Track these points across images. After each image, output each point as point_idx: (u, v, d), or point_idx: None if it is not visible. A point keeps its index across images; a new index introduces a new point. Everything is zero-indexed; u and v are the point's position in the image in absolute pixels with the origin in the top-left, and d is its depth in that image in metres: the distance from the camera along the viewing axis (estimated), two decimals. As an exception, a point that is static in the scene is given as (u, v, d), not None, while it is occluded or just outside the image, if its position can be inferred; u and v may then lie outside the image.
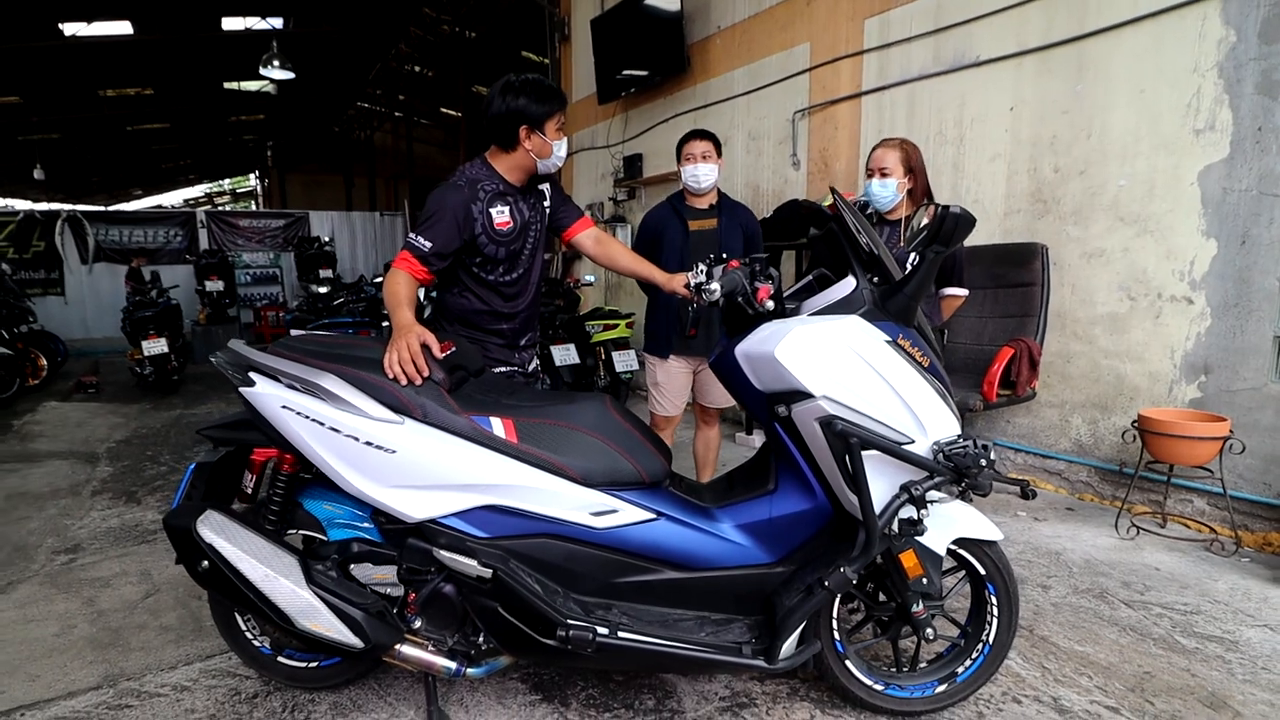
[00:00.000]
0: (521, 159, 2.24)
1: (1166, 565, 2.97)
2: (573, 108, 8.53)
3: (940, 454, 1.69)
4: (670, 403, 3.26)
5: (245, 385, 1.77)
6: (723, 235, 3.12)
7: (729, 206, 3.21)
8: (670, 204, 3.22)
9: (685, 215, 3.14)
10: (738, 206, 3.26)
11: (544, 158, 2.24)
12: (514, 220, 2.26)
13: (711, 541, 1.86)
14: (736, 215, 3.20)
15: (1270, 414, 3.09)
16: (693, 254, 3.02)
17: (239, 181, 28.24)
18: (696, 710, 2.03)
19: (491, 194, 2.23)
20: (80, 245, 11.62)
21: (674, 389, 3.25)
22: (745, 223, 3.21)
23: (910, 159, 2.80)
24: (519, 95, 2.16)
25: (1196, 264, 3.25)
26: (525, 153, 2.22)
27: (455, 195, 2.18)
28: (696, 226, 3.13)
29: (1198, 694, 2.10)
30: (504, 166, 2.27)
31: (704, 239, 3.09)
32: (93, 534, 3.46)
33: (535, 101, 2.16)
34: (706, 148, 3.05)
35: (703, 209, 3.16)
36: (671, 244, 3.11)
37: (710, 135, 3.09)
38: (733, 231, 3.15)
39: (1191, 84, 3.19)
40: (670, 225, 3.15)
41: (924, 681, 2.02)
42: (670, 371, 3.23)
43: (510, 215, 2.25)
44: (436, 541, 1.75)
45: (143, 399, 7.09)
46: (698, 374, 3.26)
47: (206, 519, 1.79)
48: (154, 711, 2.03)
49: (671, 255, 3.07)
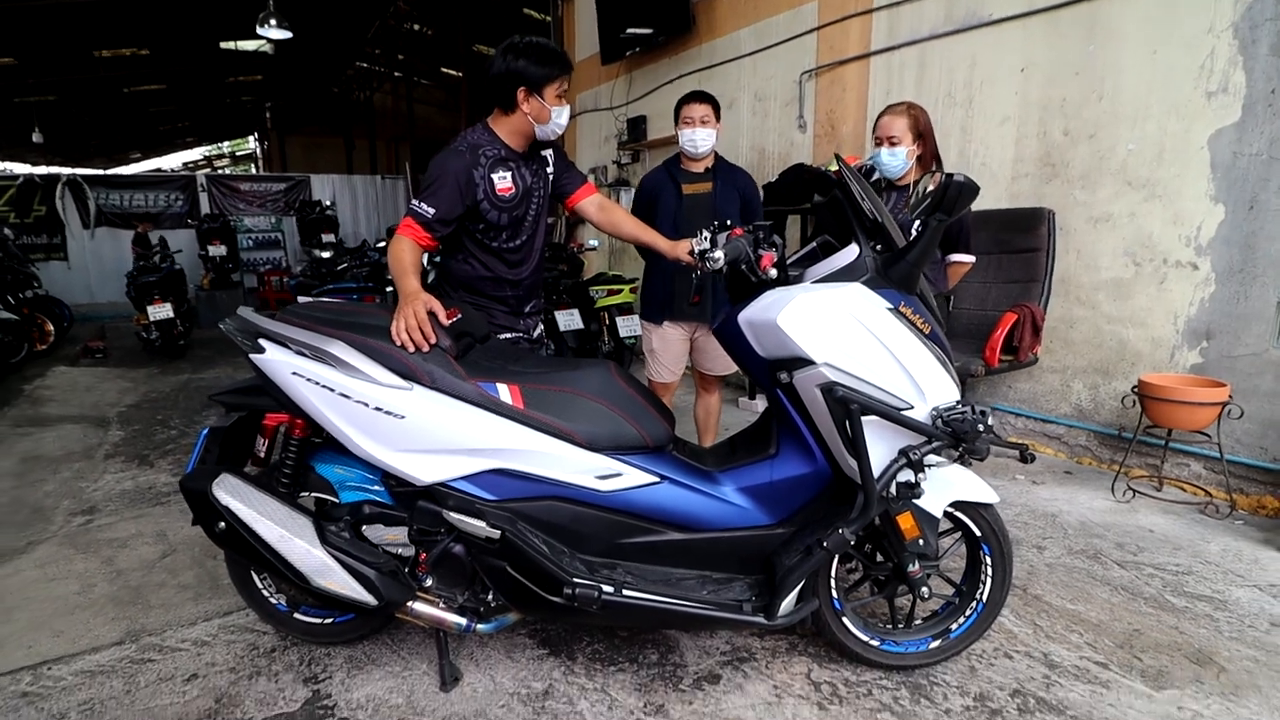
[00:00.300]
0: (520, 123, 2.23)
1: (1161, 527, 3.02)
2: (576, 68, 8.35)
3: (939, 419, 1.72)
4: (666, 369, 3.27)
5: (255, 352, 1.80)
6: (718, 200, 3.07)
7: (725, 170, 3.15)
8: (666, 168, 3.18)
9: (680, 179, 3.10)
10: (734, 170, 3.21)
11: (542, 123, 2.21)
12: (516, 186, 2.26)
13: (714, 504, 1.91)
14: (733, 179, 3.15)
15: (1270, 379, 3.11)
16: (687, 218, 2.99)
17: (238, 144, 27.95)
18: (698, 664, 2.10)
19: (493, 159, 2.22)
20: (81, 209, 11.57)
21: (670, 355, 3.24)
22: (742, 187, 3.16)
23: (919, 123, 2.74)
24: (519, 56, 2.14)
25: (1203, 229, 3.24)
26: (524, 116, 2.20)
27: (457, 161, 2.17)
28: (691, 190, 3.08)
29: (1185, 650, 2.17)
30: (505, 131, 2.26)
31: (698, 203, 3.06)
32: (107, 496, 3.53)
33: (535, 64, 2.14)
34: (705, 111, 2.99)
35: (698, 173, 3.11)
36: (666, 208, 3.07)
37: (710, 98, 3.03)
38: (728, 196, 3.10)
39: (1205, 45, 3.14)
40: (665, 189, 3.11)
41: (918, 637, 2.08)
42: (666, 338, 3.22)
43: (512, 181, 2.25)
44: (446, 504, 1.80)
45: (150, 364, 7.15)
46: (695, 340, 3.25)
47: (222, 482, 1.84)
48: (176, 665, 2.11)
49: (665, 220, 3.04)
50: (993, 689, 2.00)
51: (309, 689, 1.98)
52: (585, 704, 1.93)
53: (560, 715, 1.88)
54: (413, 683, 2.01)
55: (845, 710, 1.91)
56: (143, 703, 1.95)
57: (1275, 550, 2.79)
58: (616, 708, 1.91)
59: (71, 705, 1.94)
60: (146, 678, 2.06)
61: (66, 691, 2.00)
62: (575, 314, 5.77)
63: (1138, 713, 1.89)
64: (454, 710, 1.90)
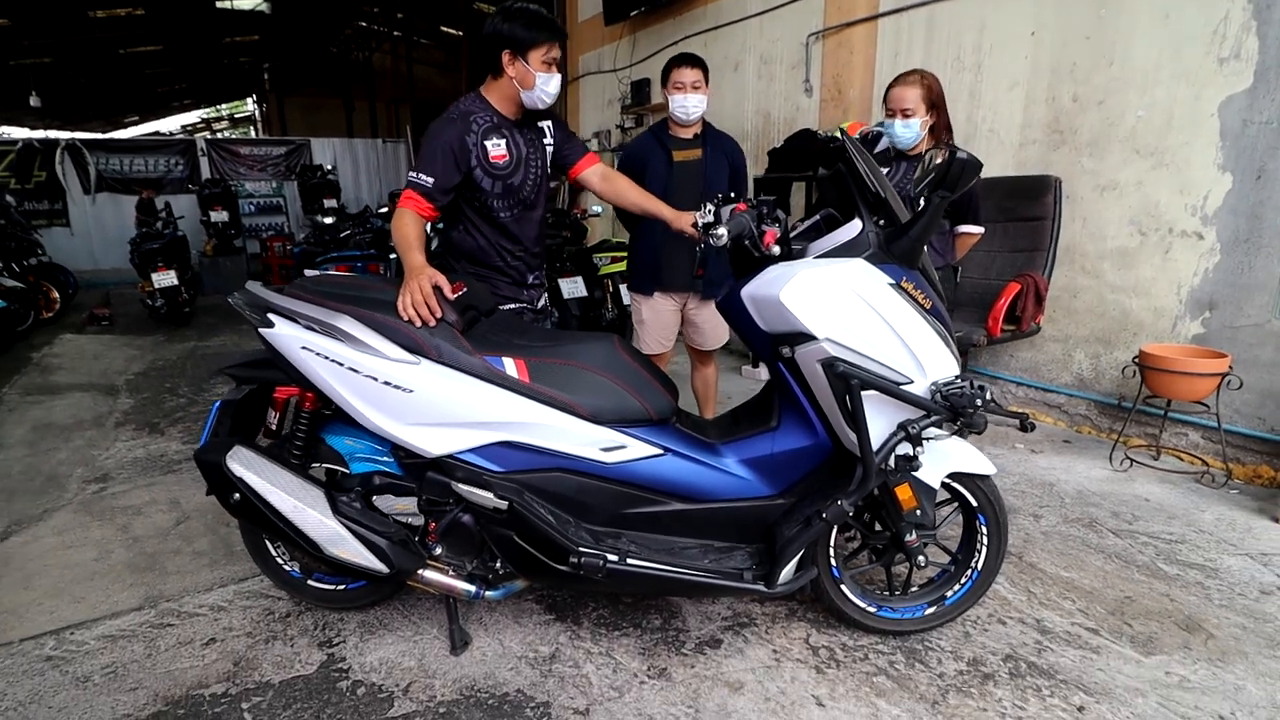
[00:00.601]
0: (508, 88, 2.23)
1: (1156, 496, 3.07)
2: (579, 28, 8.23)
3: (938, 394, 1.75)
4: (656, 341, 3.23)
5: (265, 326, 1.82)
6: (707, 167, 3.03)
7: (714, 137, 3.10)
8: (654, 134, 3.12)
9: (669, 145, 3.03)
10: (723, 136, 3.15)
11: (527, 88, 2.20)
12: (510, 154, 2.27)
13: (716, 475, 1.95)
14: (722, 145, 3.10)
15: (1270, 350, 3.12)
16: (676, 186, 2.97)
17: (236, 106, 27.58)
18: (700, 629, 2.17)
19: (486, 127, 2.23)
20: (82, 175, 11.49)
21: (660, 326, 3.21)
22: (730, 154, 3.12)
23: (932, 93, 2.66)
24: (507, 20, 2.16)
25: (1210, 199, 3.21)
26: (510, 81, 2.21)
27: (449, 128, 2.19)
28: (681, 158, 3.03)
29: (1174, 617, 2.22)
30: (496, 98, 2.27)
31: (688, 170, 3.02)
32: (120, 464, 3.60)
33: (522, 27, 2.15)
34: (697, 77, 2.92)
35: (687, 139, 3.05)
36: (655, 175, 3.02)
37: (700, 62, 2.95)
38: (718, 163, 3.06)
39: (1220, 9, 3.07)
40: (654, 156, 3.05)
41: (914, 604, 2.14)
42: (656, 309, 3.18)
43: (506, 148, 2.26)
44: (454, 475, 1.84)
45: (156, 331, 7.19)
46: (686, 313, 3.22)
47: (235, 454, 1.88)
48: (194, 629, 2.18)
49: (655, 186, 2.96)
50: (986, 654, 2.06)
51: (324, 653, 2.05)
52: (590, 667, 1.99)
53: (566, 678, 1.95)
54: (424, 647, 2.08)
55: (842, 674, 1.97)
56: (163, 666, 2.02)
57: (1269, 519, 2.83)
58: (621, 670, 1.98)
59: (95, 668, 2.01)
60: (166, 642, 2.13)
61: (89, 655, 2.07)
62: (579, 281, 5.76)
63: (1126, 677, 1.95)
64: (464, 673, 1.97)
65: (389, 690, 1.90)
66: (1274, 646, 2.07)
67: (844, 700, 1.87)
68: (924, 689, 1.91)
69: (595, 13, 7.49)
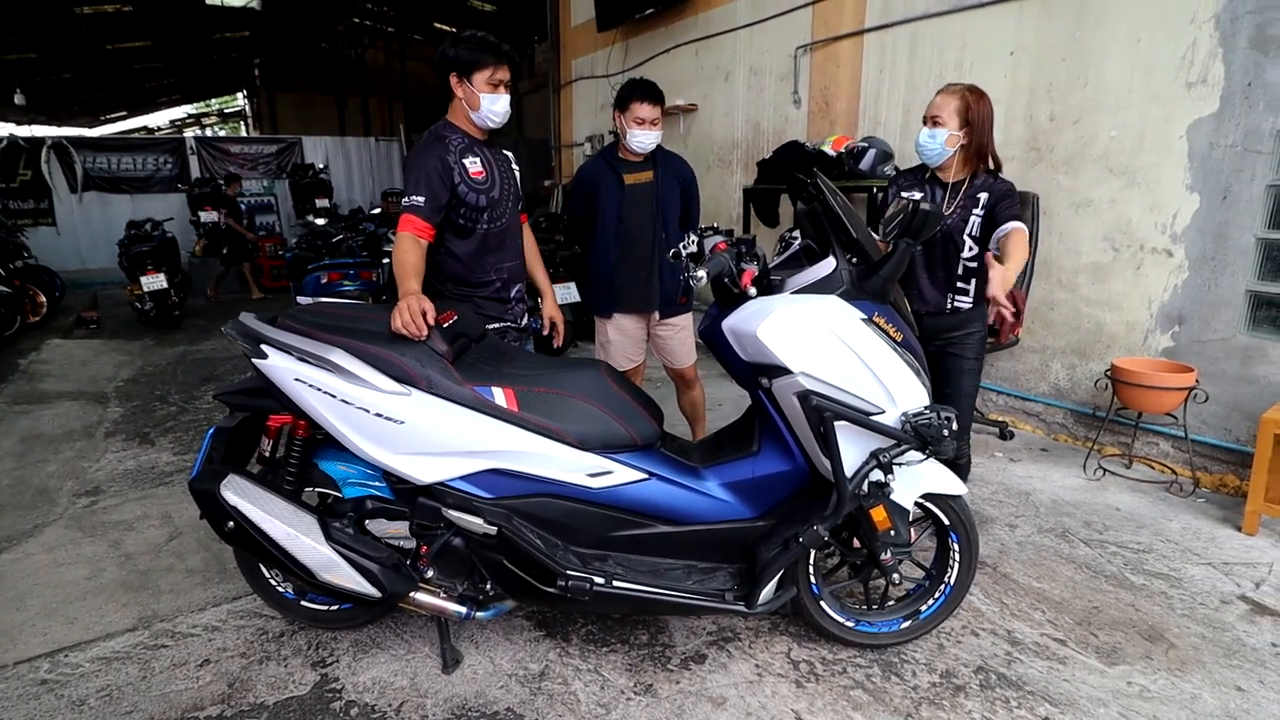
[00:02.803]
0: (460, 108, 2.40)
1: (1127, 505, 3.17)
2: (572, 33, 8.27)
3: (908, 424, 1.82)
4: (625, 358, 3.22)
5: (258, 357, 1.88)
6: (659, 189, 3.06)
7: (664, 158, 3.11)
8: (604, 158, 3.13)
9: (620, 170, 3.05)
10: (672, 157, 3.17)
11: (473, 108, 2.36)
12: (485, 170, 2.42)
13: (699, 499, 2.02)
14: (672, 166, 3.13)
15: (1235, 364, 3.23)
16: (629, 207, 3.01)
17: (226, 101, 27.32)
18: (686, 644, 2.24)
19: (461, 146, 2.39)
20: (68, 173, 11.38)
21: (625, 345, 3.21)
22: (680, 174, 3.15)
23: (970, 110, 2.38)
24: (455, 45, 2.33)
25: (1179, 217, 3.31)
26: (460, 101, 2.37)
27: (428, 151, 2.33)
28: (632, 180, 3.05)
29: (1138, 627, 2.32)
30: (460, 120, 2.43)
31: (640, 193, 3.05)
32: (110, 476, 3.62)
33: (468, 50, 2.30)
34: (655, 114, 2.92)
35: (637, 162, 3.07)
36: (609, 199, 3.04)
37: (660, 97, 2.96)
38: (669, 185, 3.09)
39: (1188, 35, 3.16)
40: (605, 179, 3.07)
41: (891, 618, 2.22)
42: (621, 327, 3.19)
43: (482, 165, 2.42)
44: (445, 501, 1.90)
45: (145, 335, 7.15)
46: (651, 331, 3.23)
47: (230, 483, 1.93)
48: (189, 650, 2.23)
49: (610, 210, 3.04)
50: (958, 665, 2.14)
51: (317, 673, 2.11)
52: (579, 684, 2.06)
53: (555, 695, 2.02)
54: (416, 665, 2.14)
55: (821, 688, 2.05)
56: (159, 688, 2.06)
57: (1232, 528, 2.94)
58: (608, 687, 2.05)
59: (90, 692, 2.05)
60: (161, 664, 2.17)
61: (84, 678, 2.10)
62: (572, 287, 5.78)
63: (1090, 687, 2.04)
64: (455, 691, 2.03)
65: (381, 710, 1.96)
66: (1230, 656, 2.17)
67: (822, 714, 1.95)
68: (898, 702, 1.99)
69: (588, 18, 7.52)
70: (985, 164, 2.48)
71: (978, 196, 2.44)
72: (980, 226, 2.44)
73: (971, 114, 2.39)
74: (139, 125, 24.90)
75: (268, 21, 16.38)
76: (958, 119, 2.39)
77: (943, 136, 2.40)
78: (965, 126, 2.39)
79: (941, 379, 2.57)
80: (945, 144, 2.40)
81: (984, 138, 2.42)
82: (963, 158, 2.44)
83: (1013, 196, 2.41)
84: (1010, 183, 2.45)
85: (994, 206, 2.40)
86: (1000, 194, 2.41)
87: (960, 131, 2.39)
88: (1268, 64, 2.95)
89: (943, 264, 2.52)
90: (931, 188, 2.53)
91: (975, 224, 2.44)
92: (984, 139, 2.42)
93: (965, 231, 2.45)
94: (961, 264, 2.50)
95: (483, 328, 2.24)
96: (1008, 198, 2.40)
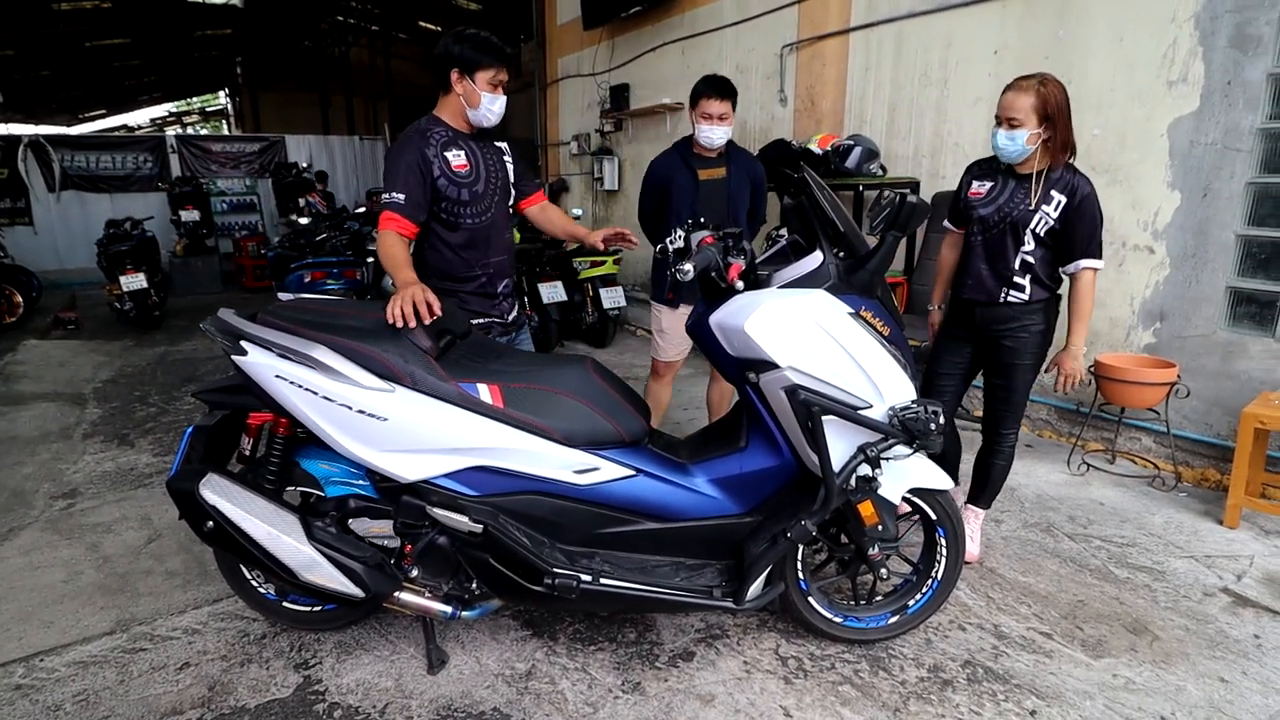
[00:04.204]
0: (456, 104, 2.37)
1: (1111, 500, 3.19)
2: (558, 32, 8.24)
3: (895, 418, 1.82)
4: (674, 348, 3.27)
5: (238, 354, 1.84)
6: (731, 185, 3.11)
7: (737, 155, 3.17)
8: (678, 152, 3.16)
9: (694, 165, 3.09)
10: (744, 154, 3.22)
11: (472, 106, 2.34)
12: (469, 163, 2.38)
13: (686, 495, 2.01)
14: (745, 165, 3.18)
15: (1216, 359, 3.26)
16: (702, 203, 3.03)
17: (208, 99, 27.00)
18: (674, 642, 2.23)
19: (444, 140, 2.36)
20: (46, 172, 11.20)
21: (679, 335, 3.18)
22: (752, 171, 3.20)
23: (1047, 105, 2.26)
24: (458, 42, 2.30)
25: (1160, 215, 3.35)
26: (457, 97, 2.34)
27: (408, 146, 2.31)
28: (706, 176, 3.10)
29: (1123, 620, 2.34)
30: (448, 114, 2.39)
31: (713, 189, 3.09)
32: (88, 478, 3.55)
33: (471, 49, 2.28)
34: (725, 109, 2.96)
35: (711, 158, 3.12)
36: (682, 194, 3.08)
37: (731, 92, 2.97)
38: (740, 181, 3.14)
39: (1169, 34, 3.20)
40: (679, 174, 3.10)
41: (879, 613, 2.22)
42: (678, 318, 3.19)
43: (466, 158, 2.38)
44: (429, 499, 1.88)
45: (124, 335, 7.05)
46: None
47: (209, 482, 1.89)
48: (168, 654, 2.19)
49: (682, 205, 3.06)
50: (946, 660, 2.15)
51: (300, 675, 2.08)
52: (566, 683, 2.05)
53: (542, 695, 2.00)
54: (401, 666, 2.11)
55: (810, 684, 2.05)
56: (137, 692, 2.02)
57: (1214, 521, 2.97)
58: (596, 686, 2.03)
59: (66, 696, 2.00)
60: (139, 667, 2.13)
61: (60, 683, 2.06)
62: (559, 286, 5.78)
63: (1076, 680, 2.05)
64: (441, 692, 2.01)
65: (366, 712, 1.93)
66: (1214, 647, 2.19)
67: (810, 710, 1.95)
68: (886, 696, 2.00)
69: (574, 16, 7.50)
70: (1068, 154, 2.38)
71: (1052, 194, 2.34)
72: (1048, 229, 2.36)
73: (1050, 108, 2.27)
74: (118, 124, 24.53)
75: (250, 19, 16.19)
76: (1036, 116, 2.28)
77: (1023, 137, 2.30)
78: (1045, 122, 2.28)
79: (995, 371, 2.56)
80: (1026, 143, 2.31)
81: (1066, 130, 2.31)
82: (1044, 152, 2.33)
83: (1089, 204, 2.32)
84: (1088, 182, 2.34)
85: (1069, 216, 2.33)
86: (1079, 200, 2.32)
87: (1040, 128, 2.29)
88: (1246, 63, 2.99)
89: (1000, 255, 2.44)
90: (1004, 179, 2.45)
91: (1044, 222, 2.35)
92: (1067, 132, 2.32)
93: (1030, 227, 2.37)
94: (1020, 257, 2.42)
95: (468, 324, 2.21)
96: (1084, 205, 2.31)
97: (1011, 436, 2.65)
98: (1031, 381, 2.55)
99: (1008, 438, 2.65)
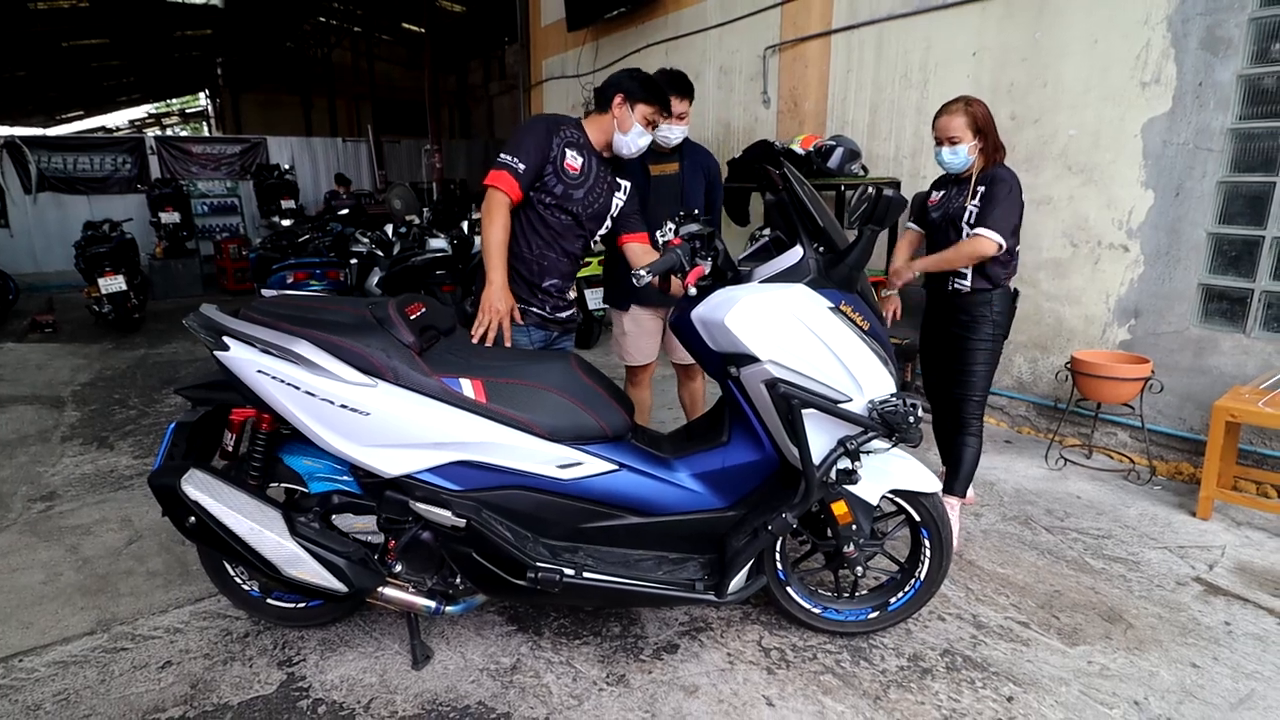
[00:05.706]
0: (605, 123, 2.47)
1: (1087, 494, 3.25)
2: (542, 33, 8.25)
3: (874, 411, 1.85)
4: (640, 351, 3.24)
5: (219, 349, 1.83)
6: (685, 179, 3.10)
7: (691, 150, 3.15)
8: None
9: (646, 159, 3.04)
10: (699, 149, 3.21)
11: (623, 130, 2.45)
12: (583, 170, 2.45)
13: (669, 489, 2.03)
14: (698, 159, 3.17)
15: (1189, 355, 3.33)
16: (653, 198, 3.01)
17: (188, 101, 26.74)
18: (658, 635, 2.25)
19: (570, 140, 2.44)
20: (22, 174, 11.05)
21: (642, 338, 3.21)
22: (706, 166, 3.19)
23: (977, 119, 2.63)
24: (632, 78, 2.47)
25: (1134, 214, 3.41)
26: (610, 118, 2.46)
27: (542, 124, 2.44)
28: (658, 171, 3.08)
29: (1098, 609, 2.38)
30: (593, 128, 2.50)
31: (665, 184, 3.07)
32: (67, 481, 3.52)
33: (641, 87, 2.44)
34: (685, 108, 2.96)
35: (664, 152, 3.08)
36: None
37: (691, 91, 3.00)
38: (694, 175, 3.12)
39: (1141, 36, 3.27)
40: (632, 170, 3.00)
41: (859, 608, 2.25)
42: (637, 319, 3.20)
43: (582, 165, 2.45)
44: (413, 494, 1.88)
45: (103, 338, 6.98)
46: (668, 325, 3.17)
47: (190, 477, 1.89)
48: (149, 653, 2.17)
49: None
50: (925, 649, 2.18)
51: (283, 672, 2.07)
52: (551, 677, 2.06)
53: (527, 688, 2.01)
54: (385, 662, 2.11)
55: (792, 674, 2.07)
56: (118, 691, 2.01)
57: (1187, 513, 3.03)
58: (580, 679, 2.04)
59: (46, 696, 1.99)
60: (120, 666, 2.11)
61: (40, 683, 2.04)
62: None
63: (1052, 667, 2.09)
64: (426, 688, 2.01)
65: (350, 708, 1.93)
66: (1185, 634, 2.24)
67: (793, 699, 1.97)
68: (867, 685, 2.02)
69: (558, 18, 7.51)
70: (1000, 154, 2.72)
71: (978, 188, 2.67)
72: (975, 215, 2.65)
73: (980, 122, 2.64)
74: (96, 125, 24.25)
75: (231, 19, 16.08)
76: (970, 131, 2.63)
77: (964, 149, 2.65)
78: (978, 134, 2.64)
79: (952, 355, 2.82)
80: (968, 154, 2.66)
81: (996, 137, 2.68)
82: (981, 159, 2.69)
83: (998, 186, 2.61)
84: (1008, 171, 2.66)
85: (983, 199, 2.65)
86: (990, 183, 2.63)
87: (975, 140, 2.65)
88: (1217, 64, 3.06)
89: (943, 248, 2.73)
90: (953, 186, 2.80)
91: (971, 213, 2.66)
92: (996, 138, 2.69)
93: (964, 219, 2.67)
94: None
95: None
96: (993, 186, 2.61)
97: (975, 423, 2.82)
98: (987, 367, 2.78)
99: (971, 423, 2.82)
